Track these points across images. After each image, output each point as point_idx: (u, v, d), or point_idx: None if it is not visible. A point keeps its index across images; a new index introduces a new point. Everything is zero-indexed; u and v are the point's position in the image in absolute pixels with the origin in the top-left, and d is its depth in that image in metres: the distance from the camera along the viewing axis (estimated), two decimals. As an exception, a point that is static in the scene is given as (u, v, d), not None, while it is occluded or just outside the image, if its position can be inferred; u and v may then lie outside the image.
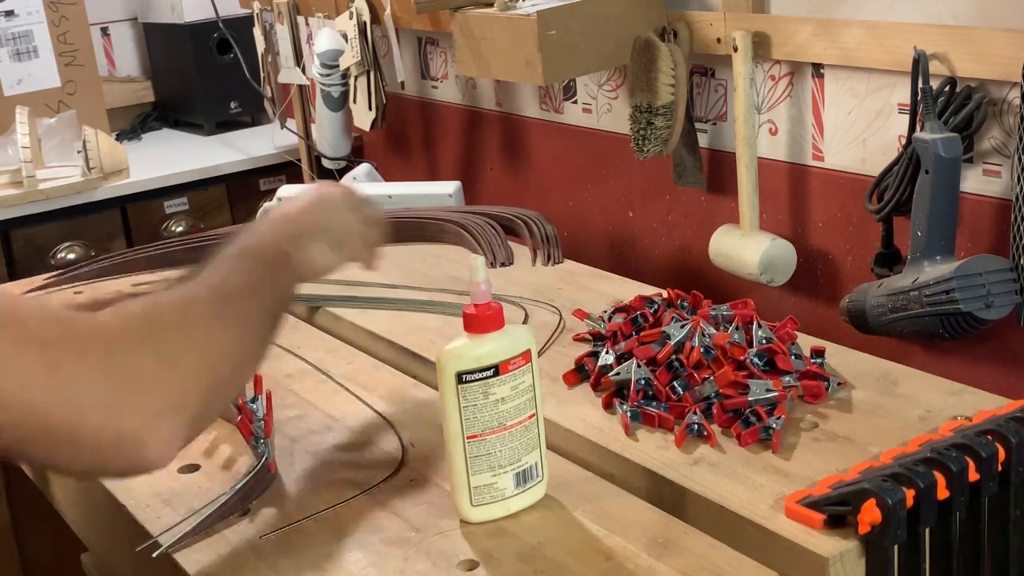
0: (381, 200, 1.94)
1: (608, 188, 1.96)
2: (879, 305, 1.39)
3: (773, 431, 1.09)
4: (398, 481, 1.11)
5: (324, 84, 2.30)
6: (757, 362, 1.20)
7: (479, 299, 1.00)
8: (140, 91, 3.02)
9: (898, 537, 0.91)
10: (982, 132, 1.37)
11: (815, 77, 1.57)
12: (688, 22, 1.67)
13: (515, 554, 0.97)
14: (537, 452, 1.04)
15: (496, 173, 2.23)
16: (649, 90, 1.64)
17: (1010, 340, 1.39)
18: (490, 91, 2.19)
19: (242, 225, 1.33)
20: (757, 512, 0.98)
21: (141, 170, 2.54)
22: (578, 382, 1.27)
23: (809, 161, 1.61)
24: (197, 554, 1.01)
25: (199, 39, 2.79)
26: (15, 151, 2.38)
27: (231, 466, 1.16)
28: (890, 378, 1.22)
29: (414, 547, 0.99)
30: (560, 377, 1.28)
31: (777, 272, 1.60)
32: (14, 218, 2.39)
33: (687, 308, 1.35)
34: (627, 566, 0.94)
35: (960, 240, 1.39)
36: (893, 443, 1.05)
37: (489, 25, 1.71)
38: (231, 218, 2.63)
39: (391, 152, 2.52)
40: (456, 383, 0.99)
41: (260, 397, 1.21)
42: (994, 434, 0.98)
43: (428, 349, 1.39)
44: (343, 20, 2.22)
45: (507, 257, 1.63)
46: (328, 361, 1.40)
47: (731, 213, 1.69)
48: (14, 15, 2.63)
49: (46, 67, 2.67)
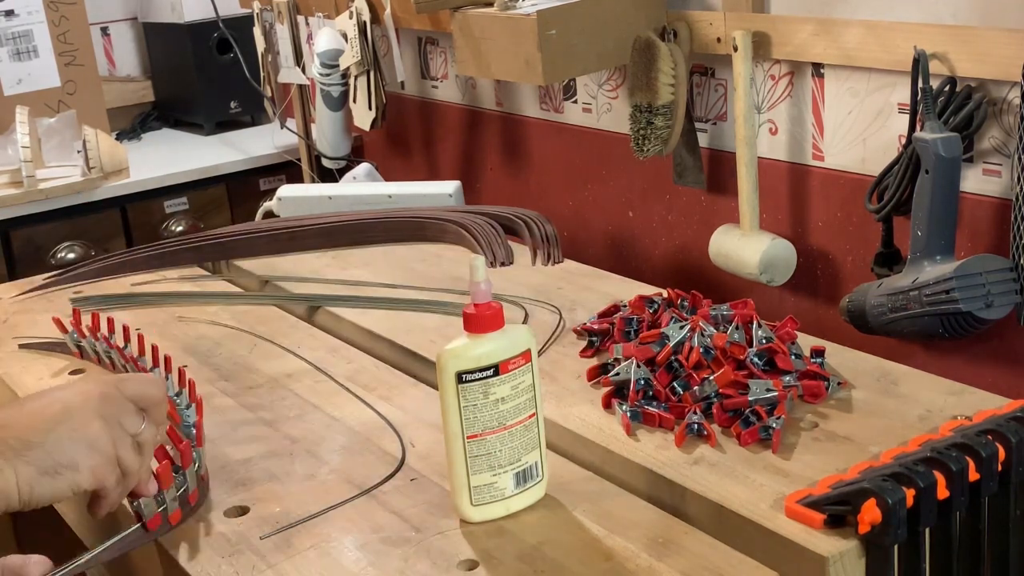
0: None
1: (608, 188, 1.96)
2: (879, 305, 1.39)
3: (773, 431, 1.09)
4: (398, 481, 1.11)
5: (324, 84, 2.30)
6: (757, 362, 1.20)
7: (479, 299, 1.00)
8: (140, 91, 3.02)
9: (898, 537, 0.91)
10: (982, 132, 1.37)
11: (815, 77, 1.57)
12: (688, 22, 1.67)
13: (515, 554, 0.97)
14: (537, 452, 1.04)
15: (496, 173, 2.23)
16: (649, 90, 1.64)
17: (1010, 340, 1.39)
18: (490, 91, 2.19)
19: (242, 225, 1.30)
20: (757, 512, 0.98)
21: (141, 170, 2.54)
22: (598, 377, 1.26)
23: (809, 161, 1.61)
24: (197, 554, 1.01)
25: (199, 39, 2.79)
26: (15, 151, 2.38)
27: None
28: (890, 378, 1.22)
29: (414, 547, 0.99)
30: (561, 376, 1.28)
31: (777, 272, 1.60)
32: (14, 218, 2.39)
33: (687, 308, 1.35)
34: (627, 566, 0.94)
35: (960, 240, 1.39)
36: (893, 443, 1.05)
37: (489, 25, 1.71)
38: (231, 218, 2.63)
39: (391, 152, 2.52)
40: (456, 383, 0.99)
41: (190, 403, 1.20)
42: (994, 434, 0.98)
43: (428, 349, 1.39)
44: (343, 20, 2.22)
45: (507, 257, 1.63)
46: (328, 361, 1.40)
47: (731, 213, 1.69)
48: (14, 15, 2.63)
49: (46, 67, 2.67)
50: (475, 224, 1.71)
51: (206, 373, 1.39)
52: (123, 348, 1.36)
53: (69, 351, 1.46)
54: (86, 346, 1.42)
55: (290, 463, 1.16)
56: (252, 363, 1.41)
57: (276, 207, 2.03)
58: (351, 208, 1.93)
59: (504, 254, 1.63)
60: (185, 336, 1.51)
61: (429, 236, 1.79)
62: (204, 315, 1.58)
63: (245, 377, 1.37)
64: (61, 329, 1.46)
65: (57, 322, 1.46)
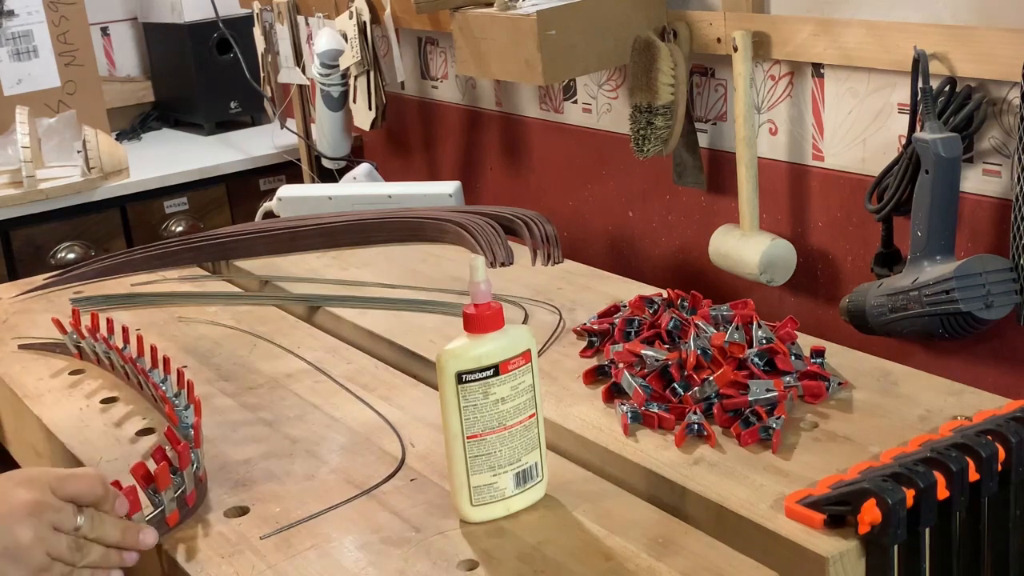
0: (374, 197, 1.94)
1: (608, 188, 1.96)
2: (879, 305, 1.39)
3: (773, 431, 1.09)
4: (398, 481, 1.11)
5: (324, 84, 2.30)
6: (757, 362, 1.20)
7: (479, 299, 1.00)
8: (140, 91, 3.02)
9: (898, 537, 0.91)
10: (982, 132, 1.37)
11: (815, 77, 1.57)
12: (688, 22, 1.67)
13: (515, 554, 0.97)
14: (537, 452, 1.04)
15: (496, 173, 2.23)
16: (649, 90, 1.64)
17: (1010, 340, 1.39)
18: (490, 91, 2.19)
19: (242, 225, 1.29)
20: (757, 512, 0.98)
21: (141, 170, 2.54)
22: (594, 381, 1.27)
23: (809, 161, 1.61)
24: (196, 554, 1.01)
25: (199, 39, 2.79)
26: (15, 151, 2.38)
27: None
28: (890, 378, 1.22)
29: (414, 547, 0.99)
30: (561, 376, 1.28)
31: (777, 272, 1.60)
32: (14, 218, 2.39)
33: (687, 308, 1.35)
34: (627, 566, 0.94)
35: (960, 240, 1.39)
36: (893, 443, 1.05)
37: (489, 25, 1.71)
38: (231, 218, 2.63)
39: (391, 152, 2.52)
40: (456, 383, 0.99)
41: (189, 404, 1.20)
42: (994, 434, 0.98)
43: (428, 349, 1.39)
44: (343, 20, 2.22)
45: (507, 257, 1.63)
46: (328, 361, 1.40)
47: (731, 213, 1.69)
48: (14, 15, 2.63)
49: (46, 67, 2.67)
50: (475, 224, 1.71)
51: (206, 373, 1.39)
52: (122, 349, 1.36)
53: (69, 352, 1.46)
54: (85, 347, 1.42)
55: (290, 463, 1.16)
56: (252, 363, 1.41)
57: (276, 207, 2.03)
58: (351, 208, 1.93)
59: (504, 254, 1.63)
60: (185, 336, 1.51)
61: (429, 236, 1.79)
62: (204, 315, 1.58)
63: (245, 377, 1.37)
64: (60, 330, 1.46)
65: (56, 323, 1.46)
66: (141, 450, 1.20)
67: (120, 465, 1.16)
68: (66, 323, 1.46)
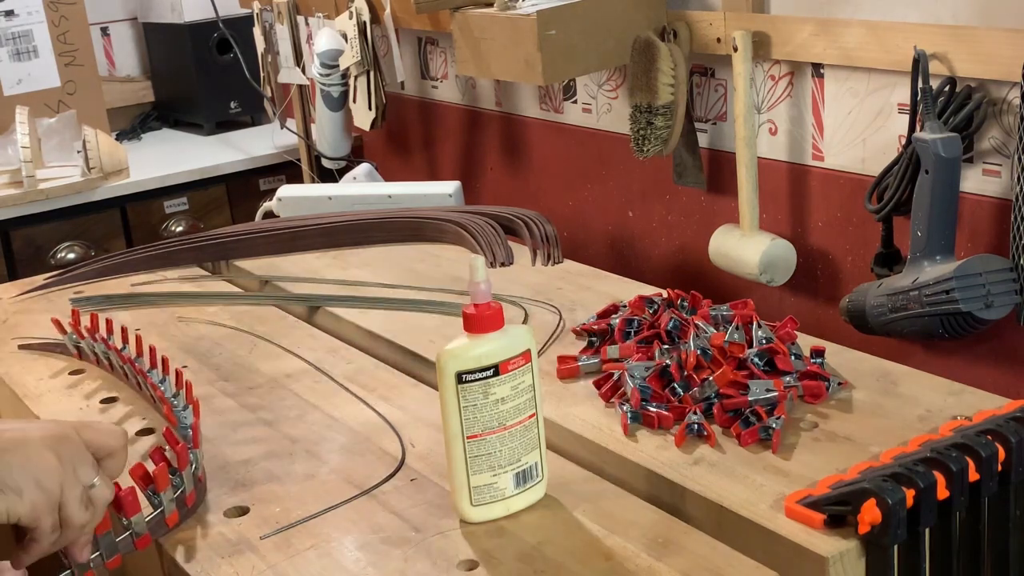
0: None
1: (608, 188, 1.96)
2: (879, 305, 1.39)
3: (773, 431, 1.09)
4: (398, 481, 1.11)
5: (324, 84, 2.30)
6: (757, 362, 1.20)
7: (479, 299, 1.00)
8: (140, 91, 3.02)
9: (898, 537, 0.91)
10: (982, 132, 1.37)
11: (815, 77, 1.57)
12: (688, 22, 1.67)
13: (515, 554, 0.97)
14: (537, 452, 1.04)
15: (496, 173, 2.23)
16: (649, 90, 1.64)
17: (1010, 340, 1.39)
18: (490, 91, 2.19)
19: (242, 225, 1.28)
20: (757, 512, 0.98)
21: (141, 170, 2.54)
22: (572, 376, 1.27)
23: (809, 161, 1.61)
24: (196, 554, 1.01)
25: (199, 39, 2.79)
26: (15, 151, 2.39)
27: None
28: (890, 378, 1.22)
29: (414, 547, 0.99)
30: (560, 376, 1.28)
31: (777, 272, 1.60)
32: (14, 218, 2.39)
33: (687, 308, 1.35)
34: (627, 566, 0.94)
35: (960, 240, 1.39)
36: (893, 443, 1.05)
37: (489, 25, 1.71)
38: (231, 218, 2.64)
39: (391, 152, 2.52)
40: (456, 383, 0.99)
41: (187, 405, 1.20)
42: (994, 434, 0.98)
43: (428, 349, 1.39)
44: (343, 20, 2.23)
45: (507, 257, 1.63)
46: (328, 361, 1.40)
47: (731, 213, 1.69)
48: (14, 15, 2.63)
49: (46, 67, 2.67)
50: (475, 224, 1.71)
51: (206, 373, 1.39)
52: (121, 349, 1.36)
53: (69, 352, 1.46)
54: (85, 347, 1.42)
55: (290, 463, 1.16)
56: (252, 363, 1.41)
57: (276, 207, 2.03)
58: (351, 208, 1.93)
59: (504, 254, 1.63)
60: (185, 336, 1.51)
61: (429, 236, 1.79)
62: (204, 315, 1.58)
63: (245, 377, 1.37)
64: (60, 330, 1.46)
65: (56, 323, 1.46)
66: (140, 450, 1.20)
67: (120, 465, 1.16)
68: (66, 323, 1.46)
